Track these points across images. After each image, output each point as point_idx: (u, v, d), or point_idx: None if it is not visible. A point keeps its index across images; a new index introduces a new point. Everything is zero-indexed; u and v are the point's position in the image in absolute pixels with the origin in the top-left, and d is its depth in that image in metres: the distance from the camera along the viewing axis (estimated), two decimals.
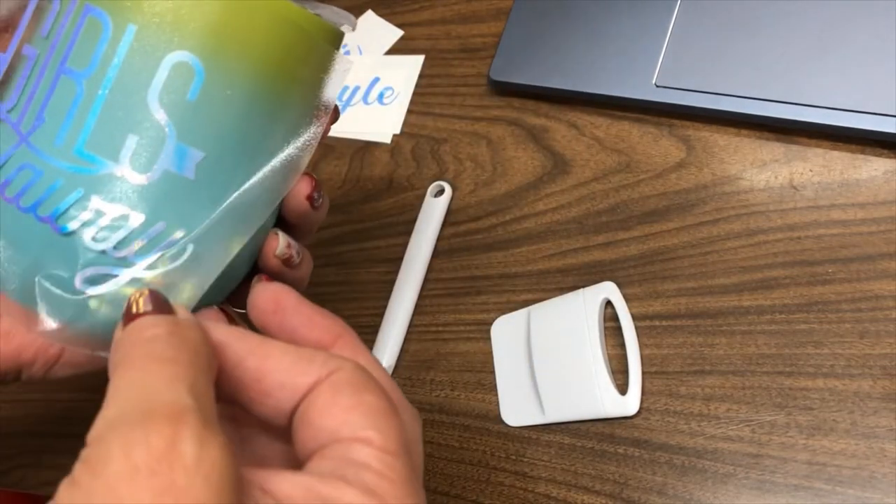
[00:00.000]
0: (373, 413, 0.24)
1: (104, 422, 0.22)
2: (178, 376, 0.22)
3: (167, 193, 0.28)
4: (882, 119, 0.41)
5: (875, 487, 0.36)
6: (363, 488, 0.23)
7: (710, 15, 0.47)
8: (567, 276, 0.46)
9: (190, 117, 0.28)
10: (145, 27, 0.27)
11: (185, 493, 0.20)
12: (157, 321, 0.24)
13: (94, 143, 0.28)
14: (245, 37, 0.28)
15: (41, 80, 0.28)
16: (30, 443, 0.56)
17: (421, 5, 0.58)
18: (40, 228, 0.28)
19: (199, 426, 0.21)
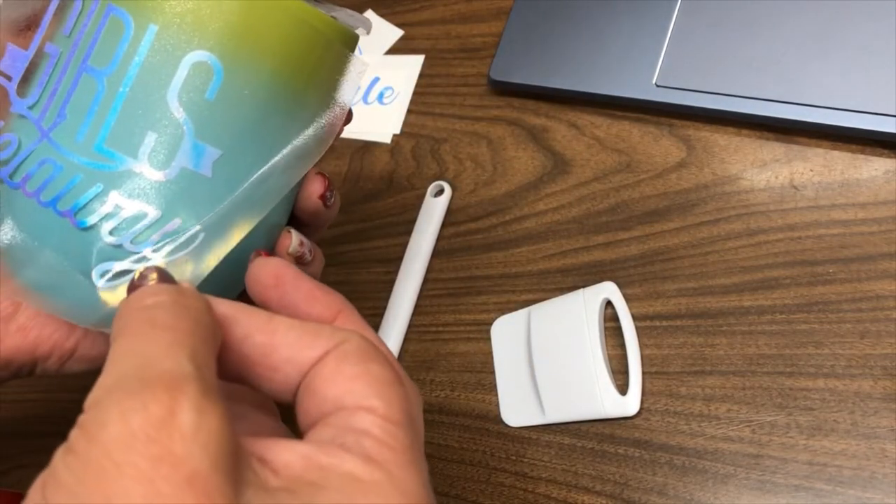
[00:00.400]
0: (377, 382, 0.24)
1: (102, 388, 0.21)
2: (179, 343, 0.22)
3: (184, 190, 0.28)
4: (882, 119, 0.41)
5: (876, 488, 0.36)
6: (363, 455, 0.23)
7: (710, 15, 0.47)
8: (567, 276, 0.46)
9: (208, 116, 0.28)
10: (166, 27, 0.28)
11: (183, 462, 0.19)
12: (159, 289, 0.24)
13: (114, 140, 0.28)
14: (263, 38, 0.29)
15: (63, 77, 0.29)
16: (30, 443, 0.56)
17: (421, 5, 0.58)
18: (59, 222, 0.28)
19: (198, 395, 0.21)
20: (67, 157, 0.28)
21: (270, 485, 0.21)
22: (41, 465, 0.59)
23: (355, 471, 0.22)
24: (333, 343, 0.25)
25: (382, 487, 0.22)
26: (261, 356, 0.25)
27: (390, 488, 0.22)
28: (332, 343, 0.25)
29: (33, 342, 0.35)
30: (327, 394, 0.24)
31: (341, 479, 0.22)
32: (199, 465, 0.20)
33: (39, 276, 0.29)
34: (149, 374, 0.21)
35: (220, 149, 0.29)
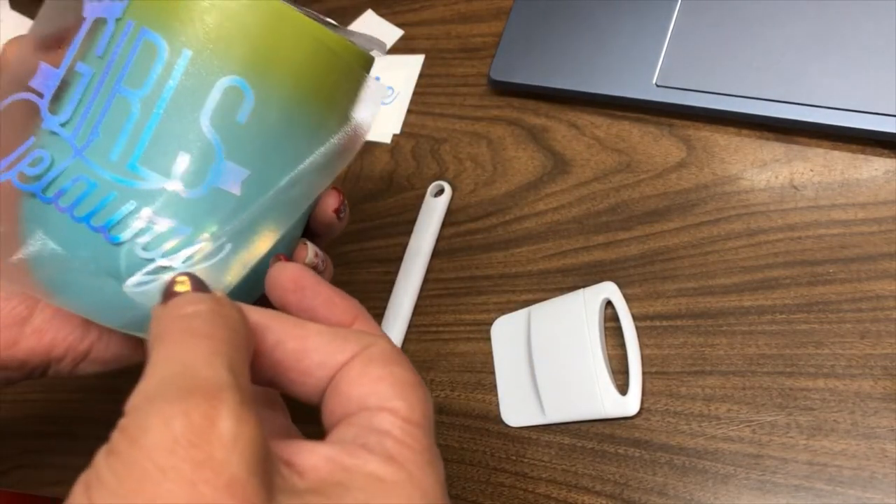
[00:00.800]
0: (400, 384, 0.25)
1: (143, 393, 0.22)
2: (217, 352, 0.23)
3: (213, 207, 0.29)
4: (882, 119, 0.41)
5: (876, 488, 0.36)
6: (384, 455, 0.24)
7: (710, 15, 0.47)
8: (567, 276, 0.46)
9: (238, 138, 0.29)
10: (200, 52, 0.29)
11: (222, 467, 0.20)
12: (198, 298, 0.25)
13: (148, 159, 0.29)
14: (290, 63, 0.30)
15: (96, 96, 0.29)
16: (30, 443, 0.56)
17: (421, 5, 0.58)
18: (93, 237, 0.29)
19: (235, 404, 0.22)
20: (101, 174, 0.29)
21: (297, 487, 0.22)
22: (41, 465, 0.59)
23: (378, 471, 0.23)
24: (360, 347, 0.26)
25: (404, 487, 0.23)
26: (293, 361, 0.26)
27: (411, 488, 0.23)
28: (359, 347, 0.26)
29: (48, 344, 0.36)
30: (352, 394, 0.25)
31: (365, 479, 0.23)
32: (237, 471, 0.21)
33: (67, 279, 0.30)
34: (189, 382, 0.22)
35: (248, 169, 0.30)
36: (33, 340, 0.36)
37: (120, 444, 0.21)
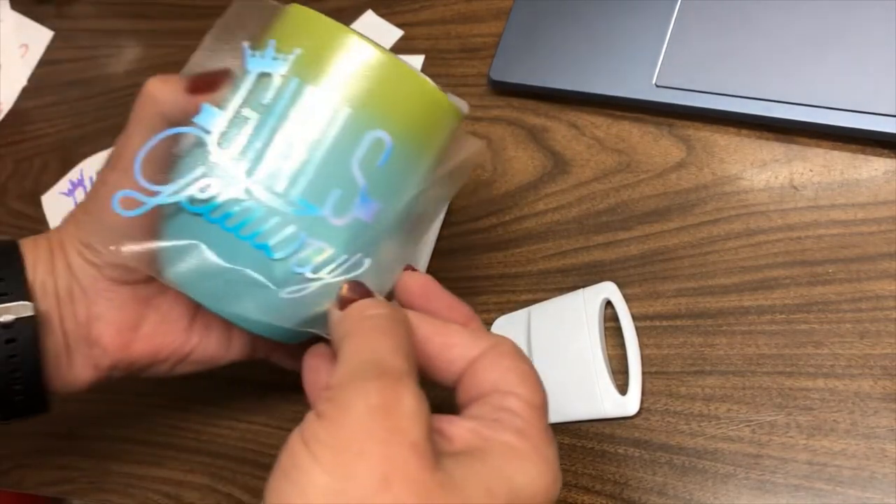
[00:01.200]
0: (525, 375, 0.31)
1: (345, 374, 0.29)
2: (398, 347, 0.30)
3: (354, 233, 0.36)
4: (882, 119, 0.41)
5: (875, 488, 0.36)
6: (515, 430, 0.29)
7: (710, 15, 0.47)
8: (567, 276, 0.46)
9: (376, 178, 0.36)
10: (357, 110, 0.35)
11: (407, 433, 0.27)
12: (378, 304, 0.32)
13: (309, 193, 0.35)
14: (417, 118, 0.37)
15: (264, 138, 0.35)
16: (30, 443, 0.56)
17: (421, 5, 0.58)
18: (254, 253, 0.35)
19: (414, 387, 0.28)
20: (267, 203, 0.35)
21: (447, 450, 0.28)
22: (41, 465, 0.59)
23: (511, 441, 0.29)
24: (493, 343, 0.32)
25: (531, 455, 0.29)
26: (439, 352, 0.33)
27: (537, 456, 0.29)
28: (491, 343, 0.32)
29: (156, 348, 0.41)
30: (486, 378, 0.31)
31: (501, 446, 0.29)
32: (417, 437, 0.27)
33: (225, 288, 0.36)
34: (380, 368, 0.28)
35: (380, 203, 0.36)
36: (143, 344, 0.41)
37: (332, 411, 0.27)
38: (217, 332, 0.43)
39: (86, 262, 0.39)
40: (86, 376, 0.41)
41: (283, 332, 0.37)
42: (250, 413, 0.51)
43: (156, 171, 0.36)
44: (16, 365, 0.38)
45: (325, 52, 0.35)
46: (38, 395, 0.39)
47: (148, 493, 0.51)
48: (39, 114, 0.70)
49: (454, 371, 0.32)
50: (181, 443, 0.52)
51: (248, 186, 0.35)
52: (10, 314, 0.37)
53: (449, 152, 0.39)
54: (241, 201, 0.35)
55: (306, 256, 0.35)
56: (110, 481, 0.52)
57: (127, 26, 0.71)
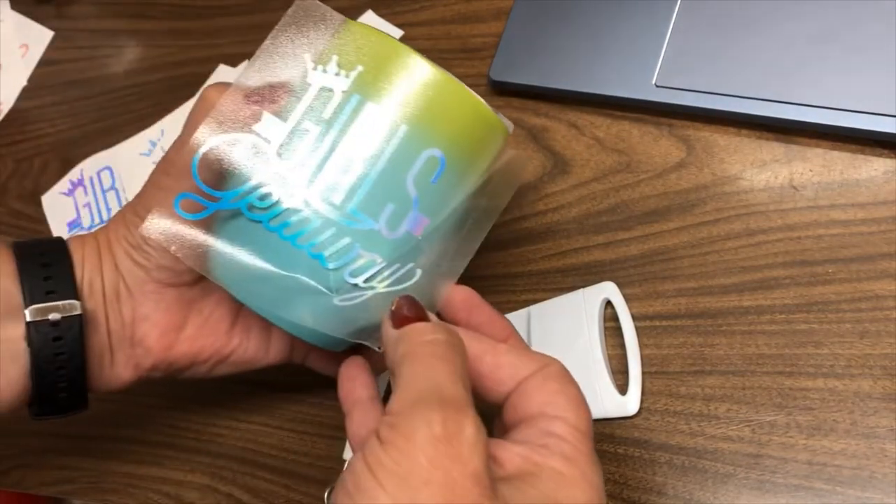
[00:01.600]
0: (572, 400, 0.32)
1: (405, 401, 0.29)
2: (456, 374, 0.30)
3: (404, 246, 0.37)
4: (882, 119, 0.41)
5: (875, 487, 0.36)
6: (563, 456, 0.30)
7: (710, 15, 0.47)
8: (567, 276, 0.46)
9: (428, 195, 0.37)
10: (414, 128, 0.36)
11: (467, 462, 0.28)
12: (435, 328, 0.33)
13: (364, 206, 0.36)
14: (470, 137, 0.38)
15: (324, 151, 0.36)
16: (30, 443, 0.56)
17: (421, 5, 0.58)
18: (309, 262, 0.36)
19: (474, 416, 0.29)
20: (324, 214, 0.36)
21: (499, 475, 0.29)
22: (41, 465, 0.59)
23: (558, 467, 0.30)
24: (541, 365, 0.33)
25: (579, 482, 0.30)
26: (489, 372, 0.33)
27: (584, 482, 0.30)
28: (540, 364, 0.33)
29: (198, 350, 0.42)
30: (533, 401, 0.32)
31: (550, 472, 0.30)
32: (477, 465, 0.28)
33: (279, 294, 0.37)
34: (442, 396, 0.29)
35: (430, 218, 0.37)
36: (185, 346, 0.41)
37: (396, 438, 0.28)
38: (257, 335, 0.43)
39: (134, 263, 0.40)
40: (126, 376, 0.41)
41: (329, 340, 0.38)
42: (250, 413, 0.51)
43: (212, 176, 0.36)
44: (62, 363, 0.38)
45: (386, 70, 0.36)
46: (81, 393, 0.40)
47: (148, 493, 0.51)
48: (39, 114, 0.70)
49: (502, 391, 0.33)
50: (181, 443, 0.52)
51: (307, 197, 0.36)
52: (57, 312, 0.38)
53: (496, 169, 0.40)
54: (299, 211, 0.36)
55: (359, 267, 0.36)
56: (110, 481, 0.52)
57: (127, 26, 0.71)
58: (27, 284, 0.38)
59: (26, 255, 0.39)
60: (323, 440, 0.48)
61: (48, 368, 0.38)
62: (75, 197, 0.65)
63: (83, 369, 0.39)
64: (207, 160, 0.36)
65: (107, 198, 0.63)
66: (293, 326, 0.38)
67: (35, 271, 0.39)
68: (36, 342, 0.38)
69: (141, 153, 0.64)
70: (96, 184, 0.64)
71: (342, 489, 0.28)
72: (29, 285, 0.38)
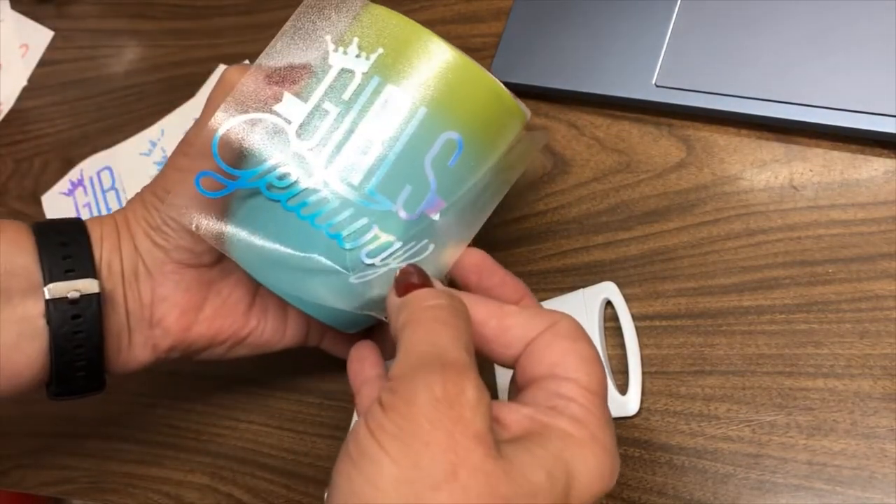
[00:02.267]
0: (583, 359, 0.31)
1: (406, 365, 0.29)
2: (459, 338, 0.30)
3: (420, 227, 0.37)
4: (882, 119, 0.41)
5: (875, 487, 0.36)
6: (572, 417, 0.30)
7: (710, 15, 0.47)
8: (567, 276, 0.46)
9: (445, 177, 0.37)
10: (434, 111, 0.37)
11: (470, 423, 0.27)
12: (438, 294, 0.32)
13: (383, 187, 0.36)
14: (489, 122, 0.38)
15: (344, 132, 0.36)
16: (30, 443, 0.56)
17: (421, 5, 0.58)
18: (327, 241, 0.36)
19: (476, 378, 0.29)
20: (343, 195, 0.36)
21: (504, 437, 0.29)
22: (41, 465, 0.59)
23: (568, 428, 0.29)
24: (550, 322, 0.32)
25: (588, 443, 0.29)
26: (497, 335, 0.32)
27: (594, 444, 0.29)
28: (549, 322, 0.32)
29: (216, 331, 0.42)
30: (543, 361, 0.31)
31: (558, 433, 0.29)
32: (480, 427, 0.27)
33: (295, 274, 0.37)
34: (443, 360, 0.29)
35: (446, 201, 0.37)
36: (204, 326, 0.42)
37: (397, 402, 0.28)
38: (274, 316, 0.44)
39: (153, 244, 0.40)
40: (144, 357, 0.42)
41: (344, 319, 0.39)
42: (250, 413, 0.51)
43: (231, 155, 0.37)
44: (80, 341, 0.39)
45: (406, 53, 0.37)
46: (99, 373, 0.40)
47: (148, 493, 0.51)
48: (39, 114, 0.70)
49: (512, 354, 0.32)
50: (181, 443, 0.52)
51: (326, 178, 0.36)
52: (76, 291, 0.38)
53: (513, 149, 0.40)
54: (318, 191, 0.36)
55: (376, 248, 0.36)
56: (110, 481, 0.52)
57: (127, 26, 0.71)
58: (46, 263, 0.38)
59: (45, 235, 0.39)
60: (323, 440, 0.48)
61: (66, 346, 0.39)
62: (75, 197, 0.65)
63: (101, 348, 0.39)
64: (227, 139, 0.36)
65: (107, 198, 0.63)
66: (308, 306, 0.38)
67: (54, 250, 0.39)
68: (55, 320, 0.38)
69: (141, 153, 0.64)
70: (96, 184, 0.64)
71: (345, 456, 0.28)
72: (48, 264, 0.38)
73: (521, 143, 0.40)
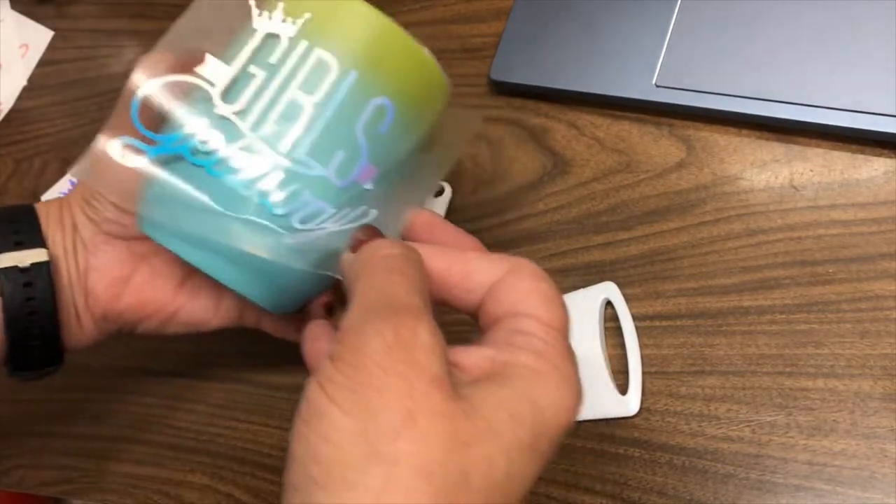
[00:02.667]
0: (544, 298, 0.30)
1: (356, 314, 0.28)
2: (412, 286, 0.29)
3: (354, 194, 0.36)
4: (882, 119, 0.41)
5: (875, 488, 0.36)
6: (533, 351, 0.28)
7: (710, 15, 0.47)
8: (567, 276, 0.46)
9: (376, 144, 0.37)
10: (363, 75, 0.36)
11: (424, 367, 0.26)
12: (391, 244, 0.31)
13: (314, 152, 0.35)
14: (418, 88, 0.38)
15: (273, 95, 0.35)
16: (29, 443, 0.56)
17: (421, 5, 0.58)
18: (256, 208, 0.35)
19: (430, 322, 0.27)
20: (272, 159, 0.35)
21: (464, 381, 0.28)
22: (41, 465, 0.59)
23: (529, 363, 0.28)
24: (512, 265, 0.31)
25: (551, 375, 0.28)
26: (458, 282, 0.32)
27: (558, 376, 0.28)
28: (511, 265, 0.31)
29: (143, 301, 0.42)
30: (504, 301, 0.30)
31: (521, 369, 0.28)
32: (437, 370, 0.26)
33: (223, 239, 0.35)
34: (396, 305, 0.28)
35: (378, 168, 0.37)
36: (132, 297, 0.42)
37: (344, 352, 0.27)
38: (206, 295, 0.44)
39: (87, 217, 0.41)
40: (91, 329, 0.42)
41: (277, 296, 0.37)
42: (250, 413, 0.51)
43: (152, 120, 0.35)
44: (33, 308, 0.39)
45: (335, 18, 0.36)
46: (54, 345, 0.41)
47: (148, 493, 0.51)
48: (39, 114, 0.70)
49: (474, 299, 0.32)
50: (181, 443, 0.52)
51: (253, 142, 0.35)
52: (27, 259, 0.39)
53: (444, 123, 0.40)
54: (245, 156, 0.35)
55: (309, 214, 0.35)
56: (110, 481, 0.52)
57: (127, 26, 0.71)
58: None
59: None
60: None
61: (20, 316, 0.39)
62: None
63: (54, 317, 0.40)
64: (147, 103, 0.35)
65: None
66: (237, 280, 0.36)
67: (3, 228, 0.40)
68: (7, 290, 0.39)
69: None
70: None
71: (298, 418, 0.27)
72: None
73: (452, 119, 0.40)
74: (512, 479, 0.26)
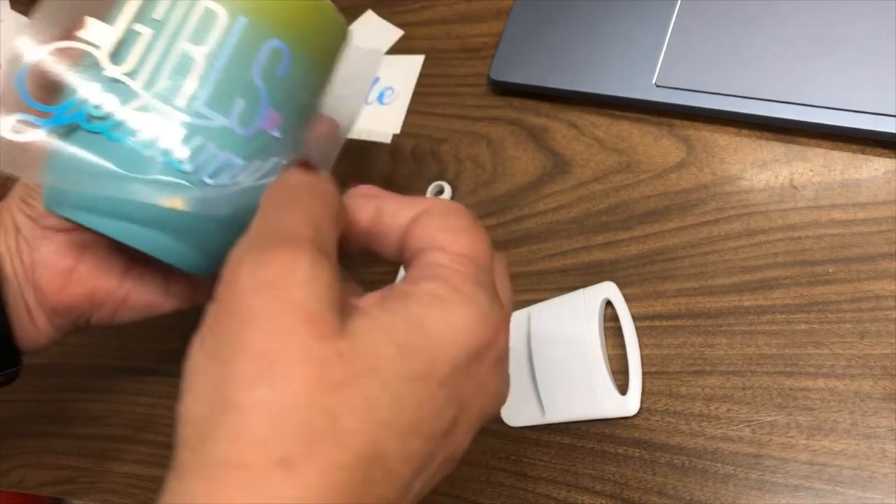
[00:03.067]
0: (453, 229, 0.29)
1: (240, 248, 0.26)
2: (308, 218, 0.27)
3: (260, 144, 0.36)
4: (882, 119, 0.41)
5: (876, 488, 0.36)
6: (438, 279, 0.27)
7: (710, 15, 0.47)
8: (567, 276, 0.46)
9: (275, 88, 0.36)
10: (254, 20, 0.35)
11: (300, 305, 0.24)
12: (301, 173, 0.30)
13: (212, 102, 0.35)
14: (313, 30, 0.37)
15: (162, 51, 0.35)
16: (29, 443, 0.56)
17: (421, 5, 0.58)
18: (162, 166, 0.34)
19: (313, 254, 0.25)
20: (170, 115, 0.34)
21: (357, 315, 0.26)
22: (41, 465, 0.59)
23: (430, 290, 0.27)
24: (426, 206, 0.30)
25: (452, 298, 0.27)
26: (372, 225, 0.31)
27: (459, 298, 0.27)
28: (424, 206, 0.30)
29: (90, 291, 0.42)
30: (414, 242, 0.30)
31: (418, 297, 0.27)
32: (313, 308, 0.24)
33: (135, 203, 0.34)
34: (278, 238, 0.26)
35: (282, 114, 0.36)
36: (78, 287, 0.42)
37: (220, 292, 0.25)
38: (153, 278, 0.44)
39: (25, 216, 0.42)
40: (44, 327, 0.42)
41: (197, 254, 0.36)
42: None
43: (41, 91, 0.34)
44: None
45: None
46: (8, 348, 0.41)
47: (148, 493, 0.51)
48: None
49: (393, 242, 0.30)
50: None
51: (148, 101, 0.34)
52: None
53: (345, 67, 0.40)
54: (142, 115, 0.34)
55: (217, 169, 0.34)
56: (110, 481, 0.52)
57: None
58: None
59: None
60: None
61: None
62: None
63: (4, 317, 0.40)
64: (33, 74, 0.34)
65: None
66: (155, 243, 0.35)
67: None
68: None
69: None
70: None
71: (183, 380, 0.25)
72: None
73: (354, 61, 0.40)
74: (402, 412, 0.25)
